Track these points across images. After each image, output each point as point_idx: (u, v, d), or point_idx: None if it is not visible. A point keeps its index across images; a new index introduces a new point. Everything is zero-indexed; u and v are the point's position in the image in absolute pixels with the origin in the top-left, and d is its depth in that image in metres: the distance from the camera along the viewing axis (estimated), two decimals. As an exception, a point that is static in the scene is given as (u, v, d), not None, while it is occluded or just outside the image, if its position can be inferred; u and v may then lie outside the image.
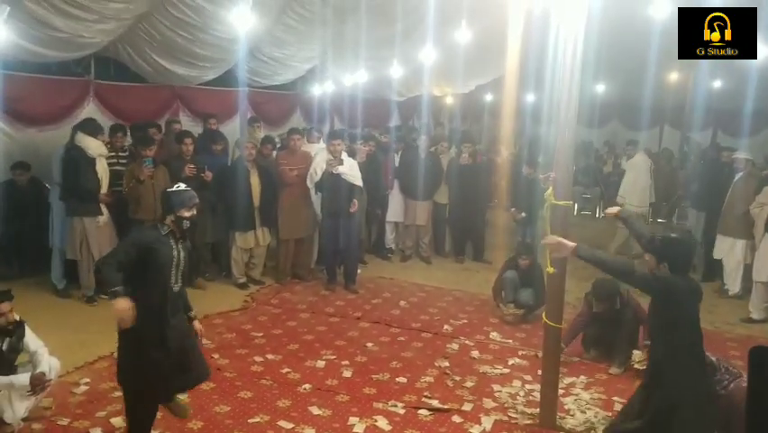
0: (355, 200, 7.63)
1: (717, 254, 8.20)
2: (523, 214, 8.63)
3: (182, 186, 3.99)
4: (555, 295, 4.59)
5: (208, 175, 7.05)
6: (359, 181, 7.65)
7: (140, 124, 7.91)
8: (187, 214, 3.87)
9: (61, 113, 7.96)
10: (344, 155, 7.62)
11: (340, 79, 11.11)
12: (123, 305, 3.55)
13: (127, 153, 7.29)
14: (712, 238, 8.32)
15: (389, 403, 4.93)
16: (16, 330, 4.29)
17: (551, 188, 4.37)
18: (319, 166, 7.52)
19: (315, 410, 4.76)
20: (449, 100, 15.82)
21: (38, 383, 4.21)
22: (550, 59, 4.91)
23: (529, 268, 6.96)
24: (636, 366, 5.50)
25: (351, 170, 7.57)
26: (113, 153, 7.08)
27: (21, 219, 7.32)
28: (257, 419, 4.58)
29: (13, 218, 7.28)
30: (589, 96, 14.56)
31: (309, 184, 7.71)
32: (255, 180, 7.46)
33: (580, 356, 6.02)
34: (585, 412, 4.90)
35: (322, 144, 8.57)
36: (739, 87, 12.32)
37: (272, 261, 8.26)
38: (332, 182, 7.49)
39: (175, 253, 3.86)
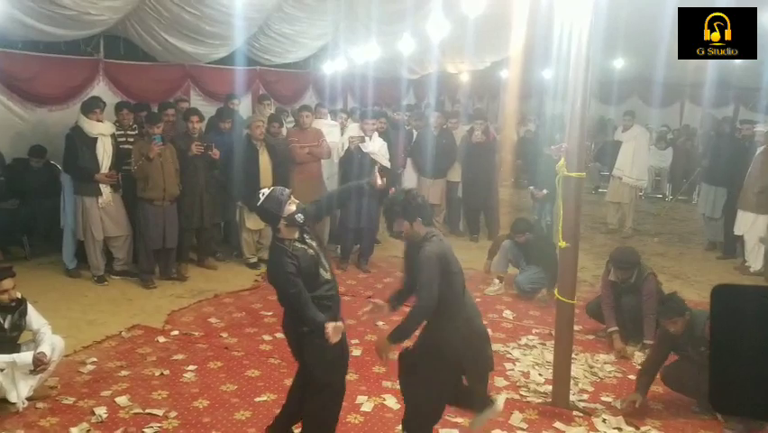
0: (393, 189, 7.75)
1: (738, 230, 8.01)
2: (545, 191, 8.46)
3: (266, 190, 3.69)
4: (568, 271, 4.47)
5: (216, 153, 6.95)
6: (386, 162, 7.62)
7: (162, 105, 7.84)
8: (293, 207, 3.58)
9: (72, 92, 7.93)
10: (376, 135, 7.59)
11: (352, 57, 10.97)
12: (336, 327, 3.47)
13: (136, 132, 7.22)
14: (733, 214, 8.12)
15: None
16: (18, 307, 4.25)
17: (563, 159, 4.24)
18: (347, 141, 7.54)
19: (323, 389, 4.69)
20: (464, 78, 15.59)
21: (39, 364, 4.17)
22: (562, 31, 4.77)
23: (529, 243, 6.86)
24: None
25: (381, 150, 7.60)
26: (121, 132, 7.01)
27: (33, 200, 7.33)
28: (264, 398, 4.53)
29: (24, 198, 7.29)
30: (606, 72, 14.28)
31: (335, 159, 7.69)
32: (265, 159, 7.35)
33: (594, 334, 5.90)
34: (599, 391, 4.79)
35: (329, 120, 8.49)
36: (761, 61, 11.98)
37: (284, 240, 8.19)
38: (359, 160, 7.44)
39: (311, 251, 3.61)
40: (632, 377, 5.02)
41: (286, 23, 9.16)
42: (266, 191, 3.67)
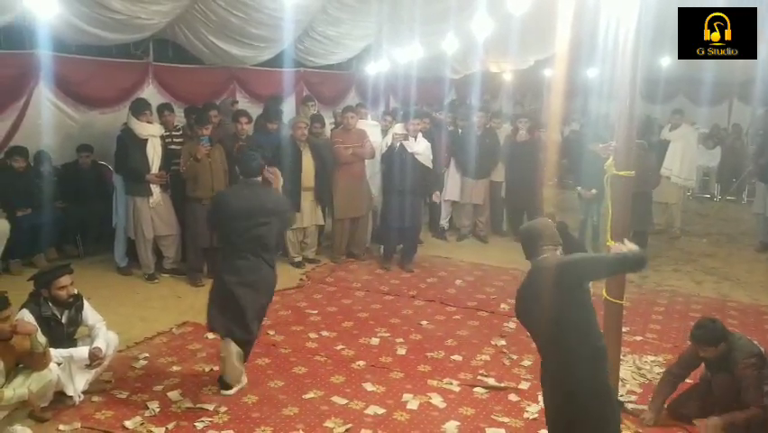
0: (438, 192, 8.02)
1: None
2: (593, 191, 8.31)
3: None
4: (616, 270, 4.41)
5: (259, 154, 7.05)
6: (429, 163, 7.70)
7: (206, 106, 7.96)
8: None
9: (122, 95, 8.10)
10: (420, 136, 7.66)
11: (394, 57, 11.00)
12: None
13: (181, 132, 7.36)
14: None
15: (444, 381, 4.87)
16: (75, 303, 4.40)
17: (611, 158, 4.21)
18: (392, 139, 7.65)
19: (368, 387, 4.74)
20: (507, 77, 15.50)
21: (94, 358, 4.31)
22: (608, 29, 4.73)
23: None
24: None
25: (425, 150, 7.65)
26: (167, 133, 7.16)
27: (85, 200, 7.54)
28: (311, 395, 4.59)
29: (77, 199, 7.52)
30: (652, 71, 14.03)
31: (378, 157, 7.84)
32: (308, 160, 7.44)
33: (642, 335, 5.83)
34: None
35: (370, 121, 8.55)
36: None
37: (328, 240, 8.28)
38: (404, 161, 7.50)
39: None
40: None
41: (330, 25, 9.26)
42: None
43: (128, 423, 4.15)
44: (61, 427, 4.08)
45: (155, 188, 6.84)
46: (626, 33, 4.10)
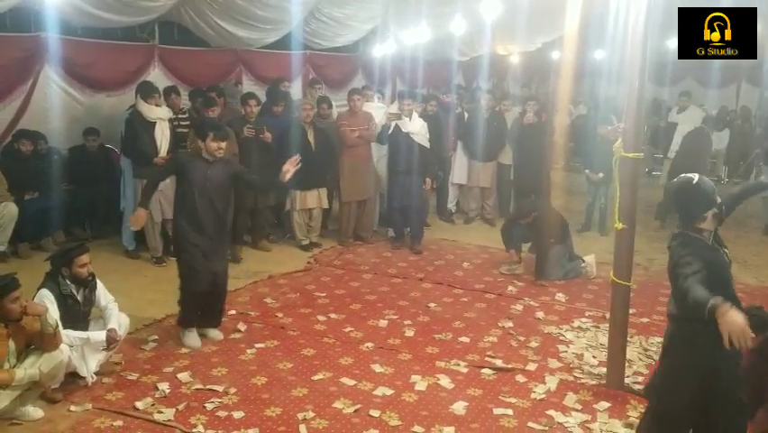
0: (428, 179, 7.82)
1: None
2: (601, 174, 8.31)
3: (694, 175, 3.23)
4: (624, 253, 4.42)
5: (268, 136, 7.04)
6: (426, 143, 7.68)
7: (209, 88, 7.94)
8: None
9: (128, 78, 8.09)
10: (415, 116, 7.67)
11: (401, 39, 10.94)
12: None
13: (187, 115, 7.35)
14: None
15: (452, 362, 4.88)
16: (90, 282, 4.43)
17: (619, 140, 4.19)
18: (385, 119, 7.69)
19: (377, 368, 4.75)
20: (514, 59, 15.40)
21: (112, 341, 4.34)
22: (618, 10, 4.71)
23: (532, 223, 6.96)
24: None
25: (421, 130, 7.64)
26: (174, 116, 7.14)
27: (92, 183, 7.56)
28: (320, 376, 4.61)
29: (84, 183, 7.53)
30: (660, 53, 13.91)
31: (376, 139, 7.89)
32: (311, 141, 7.43)
33: (649, 317, 5.84)
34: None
35: (377, 103, 8.51)
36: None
37: (335, 223, 8.29)
38: (401, 141, 7.53)
39: (727, 258, 3.40)
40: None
41: (336, 7, 9.22)
42: (696, 176, 3.24)
43: (139, 404, 4.17)
44: (72, 408, 4.11)
45: (165, 172, 6.84)
46: (636, 15, 4.07)
